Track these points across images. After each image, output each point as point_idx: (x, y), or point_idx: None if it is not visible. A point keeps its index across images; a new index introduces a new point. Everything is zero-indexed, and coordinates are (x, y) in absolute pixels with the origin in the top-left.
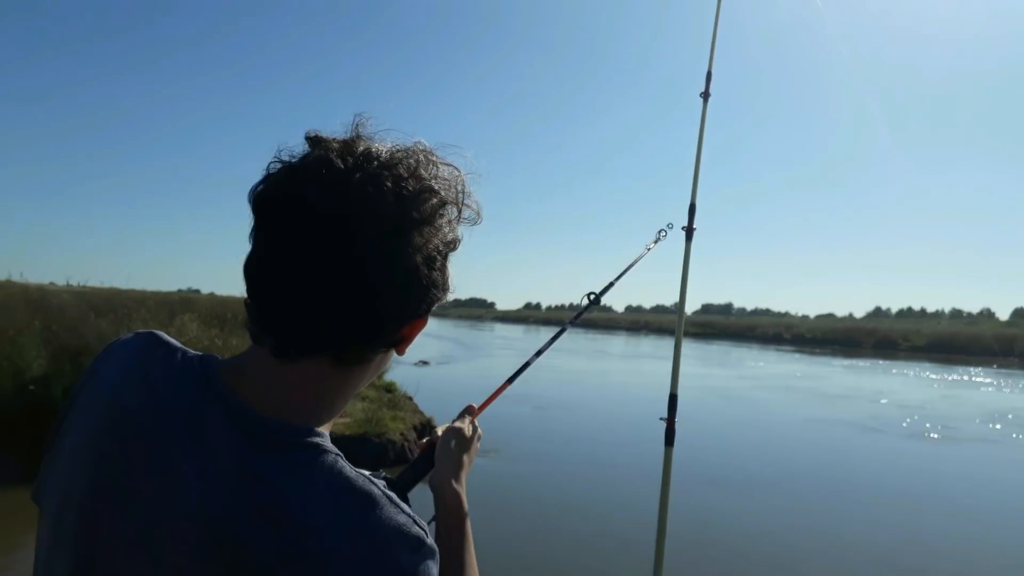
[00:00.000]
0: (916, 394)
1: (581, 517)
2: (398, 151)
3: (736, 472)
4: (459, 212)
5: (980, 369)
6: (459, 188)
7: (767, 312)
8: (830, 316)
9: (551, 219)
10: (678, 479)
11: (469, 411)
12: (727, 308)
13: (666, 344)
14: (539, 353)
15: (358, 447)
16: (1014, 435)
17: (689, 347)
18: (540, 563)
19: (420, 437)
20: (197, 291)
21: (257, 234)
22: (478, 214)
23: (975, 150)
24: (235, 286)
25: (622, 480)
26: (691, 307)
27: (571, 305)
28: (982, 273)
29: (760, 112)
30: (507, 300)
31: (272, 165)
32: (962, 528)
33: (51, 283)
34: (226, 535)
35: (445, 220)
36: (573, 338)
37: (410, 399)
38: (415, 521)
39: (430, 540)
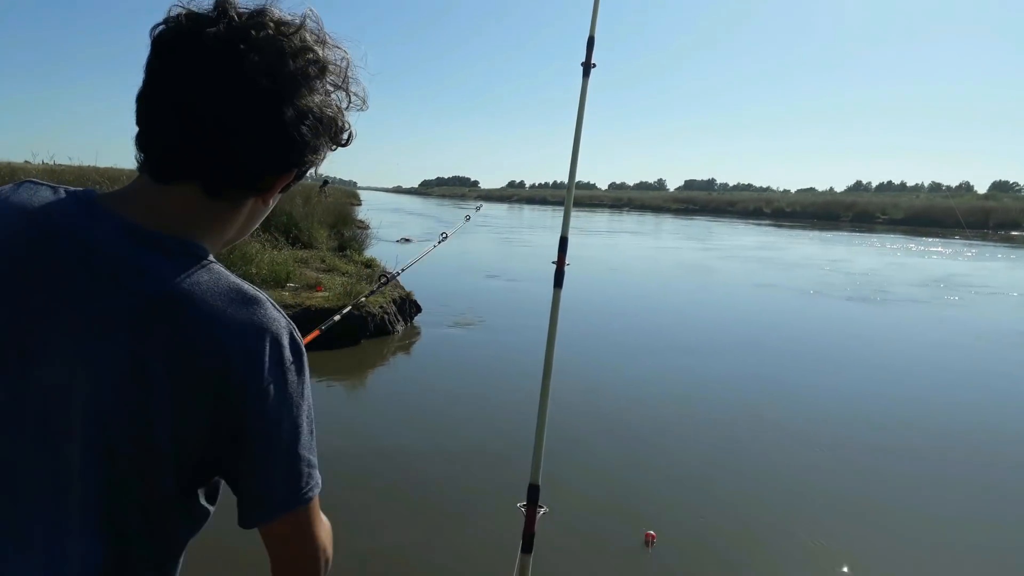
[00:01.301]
0: (868, 262)
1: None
2: (295, 20)
3: (659, 331)
4: (348, 97)
5: (944, 240)
6: (344, 68)
7: (749, 187)
8: (811, 191)
9: (535, 100)
10: (606, 333)
11: None
12: (710, 184)
13: (648, 220)
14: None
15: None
16: (939, 297)
17: (669, 223)
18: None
19: (400, 311)
20: None
21: (150, 66)
22: (364, 101)
23: (958, 23)
24: None
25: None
26: (673, 183)
27: (555, 183)
28: (963, 146)
29: None
30: (491, 178)
31: (174, 8)
32: (862, 377)
33: (26, 161)
34: (126, 329)
35: (328, 95)
36: (556, 216)
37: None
38: (295, 328)
39: (298, 337)
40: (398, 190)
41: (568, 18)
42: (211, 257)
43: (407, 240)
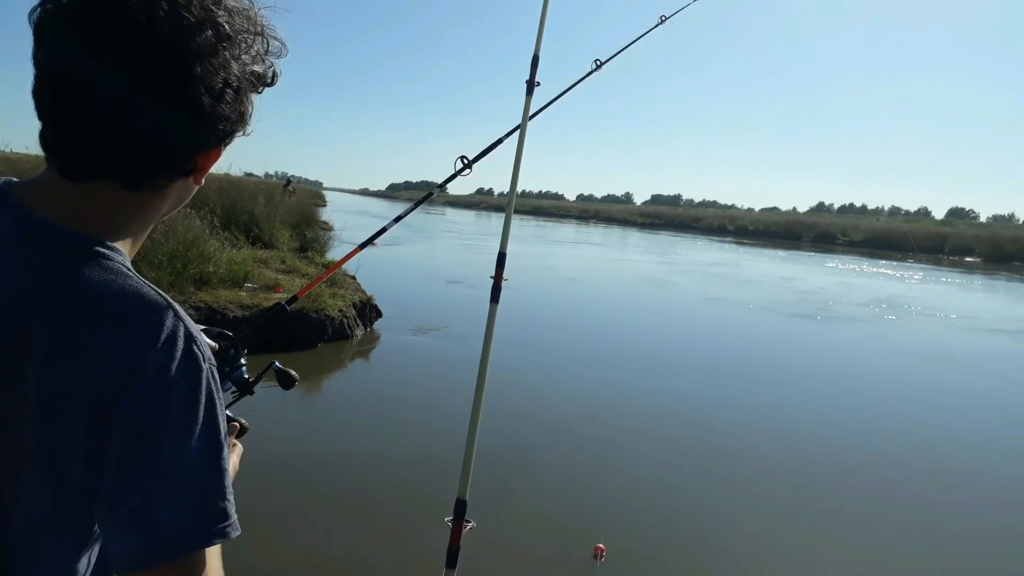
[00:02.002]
0: (819, 281)
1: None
2: None
3: (609, 342)
4: (265, 42)
5: (898, 263)
6: (253, 18)
7: (714, 204)
8: (774, 210)
9: (506, 107)
10: (565, 344)
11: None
12: (676, 199)
13: (613, 232)
14: (398, 219)
15: (296, 322)
16: (881, 316)
17: (634, 236)
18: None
19: (360, 315)
20: None
21: (36, 55)
22: (283, 45)
23: (925, 51)
24: None
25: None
26: (640, 197)
27: (523, 192)
28: (922, 173)
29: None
30: (460, 184)
31: None
32: (796, 390)
33: None
34: (13, 324)
35: (241, 52)
36: (523, 226)
37: (352, 278)
38: (195, 341)
39: (207, 364)
40: (365, 192)
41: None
42: (114, 255)
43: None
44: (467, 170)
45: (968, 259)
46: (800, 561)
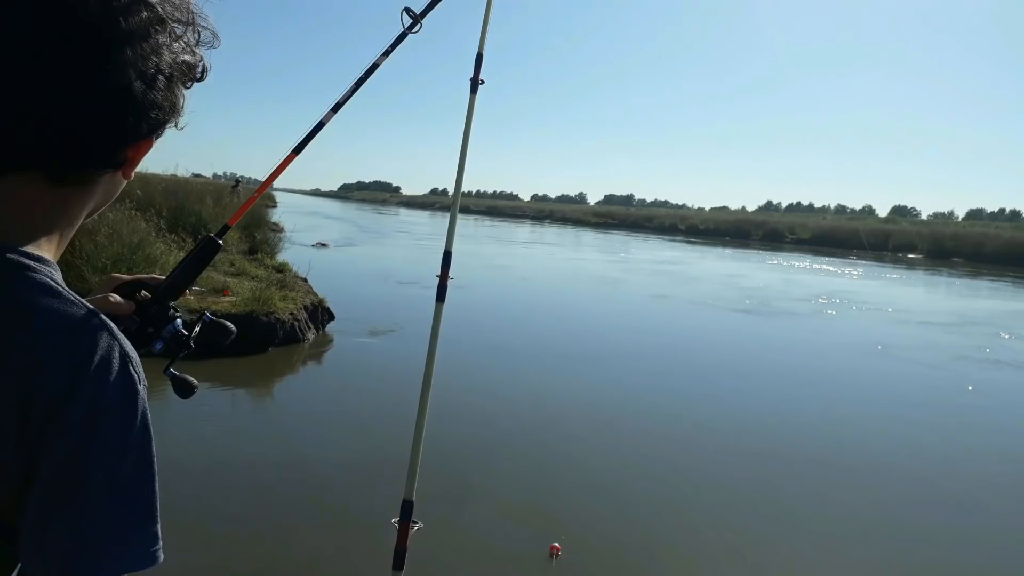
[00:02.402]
0: (763, 277)
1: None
2: None
3: (556, 339)
4: (196, 32)
5: (842, 260)
6: (182, 5)
7: (665, 204)
8: (724, 209)
9: (460, 108)
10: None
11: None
12: (628, 199)
13: (568, 232)
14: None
15: (245, 326)
16: (819, 310)
17: (588, 236)
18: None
19: (311, 318)
20: None
21: None
22: (214, 36)
23: (870, 55)
24: None
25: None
26: (594, 197)
27: (478, 192)
28: (867, 172)
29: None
30: (413, 185)
31: None
32: (735, 382)
33: None
34: None
35: (172, 40)
36: (479, 226)
37: (304, 280)
38: (131, 362)
39: (142, 385)
40: (316, 193)
41: (499, 21)
42: (40, 266)
43: (323, 245)
44: (415, 31)
45: (911, 255)
46: (751, 557)
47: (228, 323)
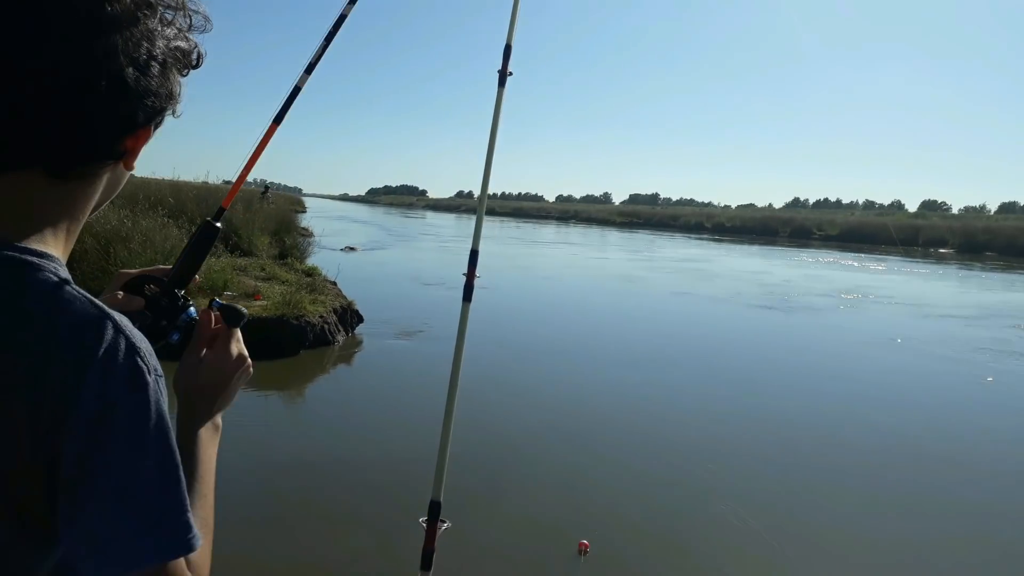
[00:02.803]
0: (786, 274)
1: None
2: None
3: (576, 339)
4: (187, 16)
5: (870, 256)
6: None
7: (691, 202)
8: (750, 206)
9: (486, 109)
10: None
11: (233, 317)
12: (653, 198)
13: (593, 232)
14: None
15: (276, 329)
16: (837, 306)
17: (613, 236)
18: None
19: (341, 321)
20: None
21: None
22: (206, 20)
23: (898, 48)
24: (157, 166)
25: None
26: (619, 197)
27: (503, 194)
28: (895, 167)
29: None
30: (439, 188)
31: None
32: (751, 371)
33: None
34: None
35: (163, 25)
36: (504, 227)
37: (333, 283)
38: (139, 353)
39: (153, 376)
40: (344, 198)
41: (526, 24)
42: (45, 262)
43: (352, 249)
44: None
45: (942, 250)
46: (784, 551)
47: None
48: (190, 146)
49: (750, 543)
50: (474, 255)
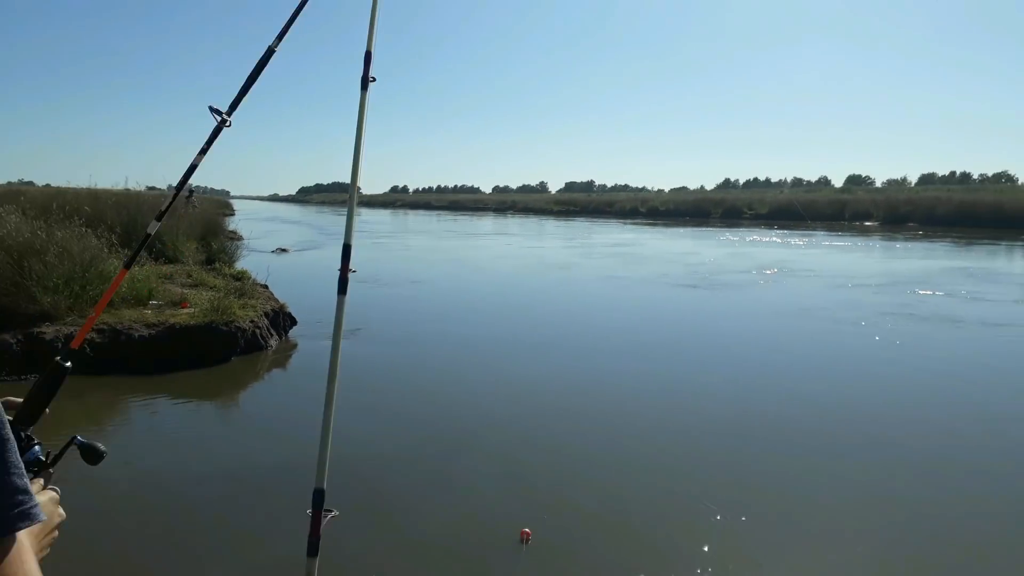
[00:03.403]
0: (712, 253)
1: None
2: None
3: (494, 321)
4: None
5: (796, 232)
6: None
7: (626, 188)
8: (683, 189)
9: (421, 104)
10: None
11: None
12: (589, 185)
13: (530, 222)
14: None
15: (205, 337)
16: (757, 281)
17: (550, 224)
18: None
19: (273, 324)
20: (31, 183)
21: None
22: None
23: (819, 27)
24: (72, 175)
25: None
26: (555, 186)
27: (439, 187)
28: (821, 143)
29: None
30: (373, 184)
31: None
32: (667, 348)
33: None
34: None
35: None
36: (441, 221)
37: (264, 287)
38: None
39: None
40: (275, 198)
41: (439, 9)
42: None
43: (283, 250)
44: (227, 125)
45: (867, 223)
46: (729, 525)
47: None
48: (106, 152)
49: (693, 521)
50: (347, 249)
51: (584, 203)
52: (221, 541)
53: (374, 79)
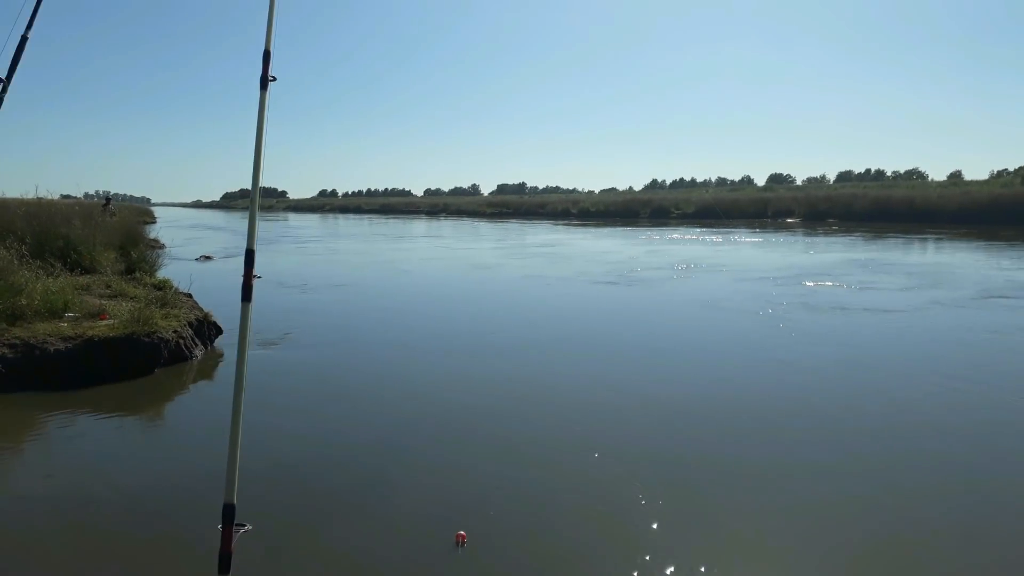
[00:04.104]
0: (631, 251)
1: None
2: None
3: (421, 327)
4: None
5: (720, 230)
6: None
7: (557, 189)
8: (612, 190)
9: (352, 107)
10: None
11: None
12: (521, 188)
13: (464, 224)
14: None
15: (125, 349)
16: (671, 277)
17: (484, 227)
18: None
19: (198, 334)
20: None
21: None
22: None
23: (739, 27)
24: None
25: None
26: (487, 188)
27: (369, 191)
28: (743, 143)
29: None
30: (300, 188)
31: None
32: (583, 338)
33: None
34: None
35: None
36: (374, 224)
37: (187, 295)
38: None
39: None
40: (198, 204)
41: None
42: None
43: (208, 257)
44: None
45: (789, 220)
46: (664, 521)
47: None
48: (9, 158)
49: (627, 519)
50: (250, 255)
51: (516, 205)
52: (130, 558)
53: (274, 78)
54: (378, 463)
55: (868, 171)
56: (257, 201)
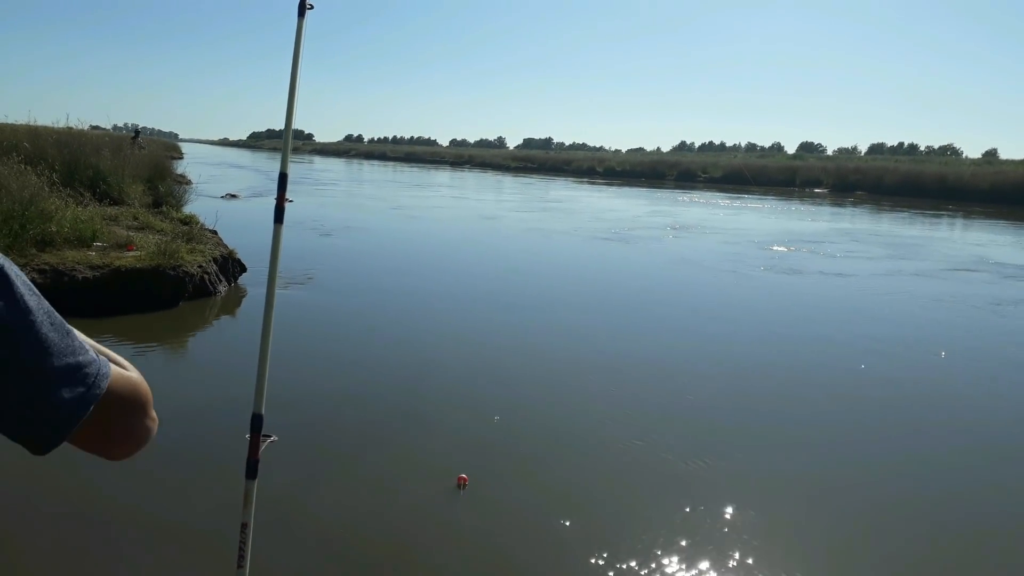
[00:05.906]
0: (636, 211)
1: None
2: None
3: (439, 277)
4: None
5: (748, 196)
6: None
7: (584, 147)
8: (640, 150)
9: (372, 50)
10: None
11: None
12: (547, 143)
13: (487, 178)
14: None
15: (152, 280)
16: (664, 237)
17: (508, 181)
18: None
19: (222, 270)
20: None
21: None
22: None
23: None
24: (11, 111)
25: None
26: (513, 142)
27: (395, 138)
28: (776, 110)
29: None
30: (327, 131)
31: None
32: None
33: None
34: None
35: None
36: (400, 173)
37: (213, 232)
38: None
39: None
40: (225, 143)
41: None
42: None
43: (233, 196)
44: None
45: (817, 190)
46: (669, 470)
47: None
48: (42, 85)
49: (624, 466)
50: (283, 178)
51: (542, 160)
52: (155, 473)
53: (311, 6)
54: (382, 405)
55: (901, 144)
56: (291, 124)
